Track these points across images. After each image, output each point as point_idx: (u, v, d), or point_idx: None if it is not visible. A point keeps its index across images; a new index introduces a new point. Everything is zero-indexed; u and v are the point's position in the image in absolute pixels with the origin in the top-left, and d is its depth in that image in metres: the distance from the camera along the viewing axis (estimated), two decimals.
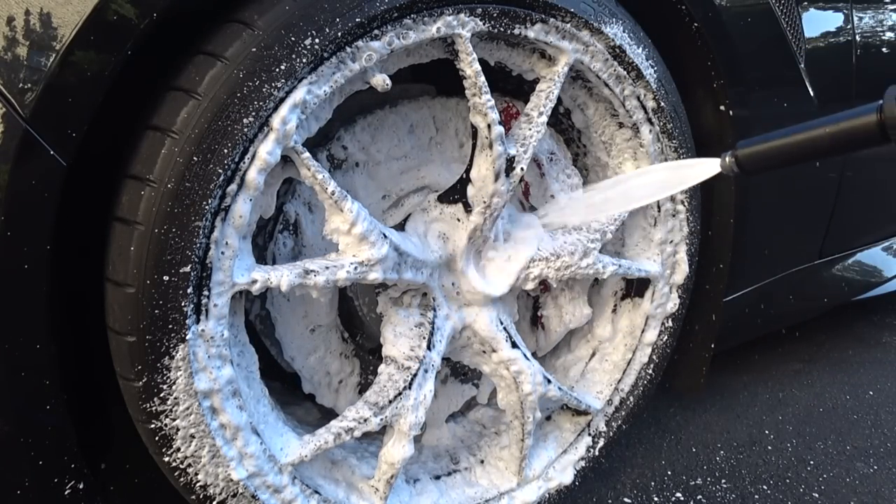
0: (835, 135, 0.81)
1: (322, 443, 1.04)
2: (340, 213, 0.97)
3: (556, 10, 1.06)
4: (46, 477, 0.87)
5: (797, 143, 0.84)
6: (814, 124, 0.83)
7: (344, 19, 0.88)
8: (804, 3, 1.50)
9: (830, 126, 0.81)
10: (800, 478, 1.57)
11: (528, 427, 1.25)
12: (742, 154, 0.88)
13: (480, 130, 1.07)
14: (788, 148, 0.85)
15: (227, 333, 0.91)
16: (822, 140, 0.82)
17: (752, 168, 0.88)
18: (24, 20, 0.74)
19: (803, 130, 0.84)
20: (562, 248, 1.21)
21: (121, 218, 0.83)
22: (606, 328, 1.43)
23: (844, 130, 0.81)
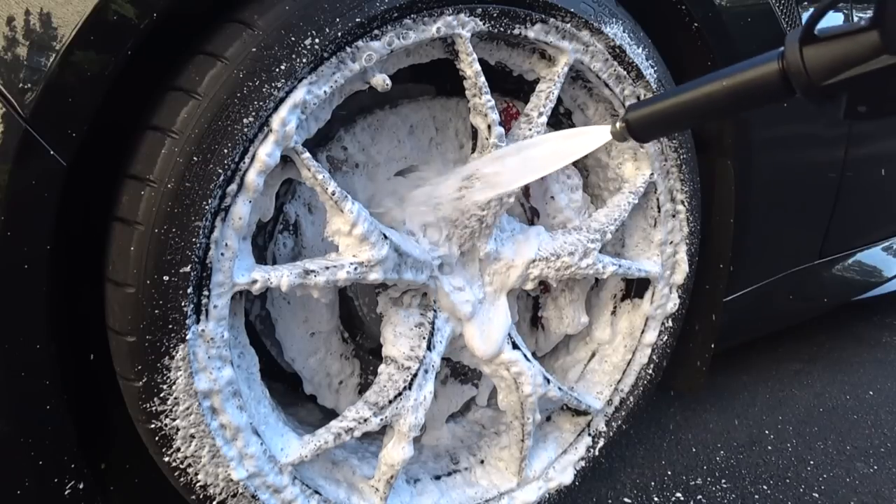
0: (733, 89, 0.71)
1: (322, 443, 1.04)
2: (341, 215, 0.97)
3: (556, 10, 1.06)
4: (46, 477, 0.87)
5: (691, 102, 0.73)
6: (709, 78, 0.73)
7: (344, 19, 0.88)
8: (804, 3, 1.50)
9: (727, 79, 0.71)
10: (800, 478, 1.57)
11: (528, 428, 1.25)
12: (632, 118, 0.78)
13: (481, 131, 1.07)
14: (682, 108, 0.74)
15: (227, 335, 0.91)
16: (720, 96, 0.71)
17: (644, 133, 0.79)
18: (24, 20, 0.74)
19: (697, 87, 0.73)
20: (562, 248, 1.21)
21: (121, 218, 0.83)
22: (605, 331, 1.43)
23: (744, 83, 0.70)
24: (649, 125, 0.77)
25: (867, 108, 0.65)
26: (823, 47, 0.65)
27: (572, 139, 0.92)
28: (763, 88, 0.69)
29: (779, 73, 0.68)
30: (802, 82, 0.66)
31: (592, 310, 1.45)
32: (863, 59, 0.63)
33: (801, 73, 0.65)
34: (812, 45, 0.65)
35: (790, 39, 0.67)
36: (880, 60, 0.62)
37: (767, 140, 1.44)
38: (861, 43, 0.63)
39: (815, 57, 0.65)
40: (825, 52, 0.65)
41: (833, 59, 0.64)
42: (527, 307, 1.44)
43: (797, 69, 0.66)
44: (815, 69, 0.65)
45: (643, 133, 0.79)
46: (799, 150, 1.56)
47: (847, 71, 0.64)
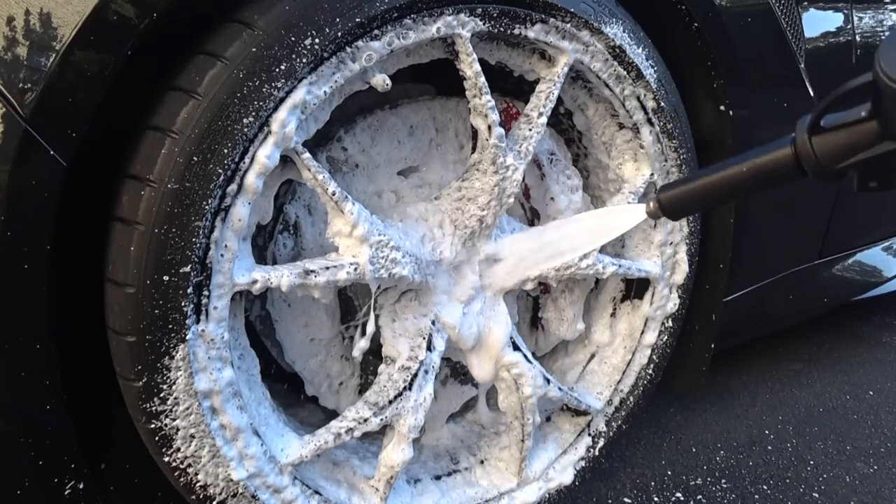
0: (753, 172, 0.79)
1: (322, 443, 1.04)
2: (342, 216, 0.97)
3: (556, 10, 1.06)
4: (46, 477, 0.87)
5: (717, 184, 0.82)
6: (732, 163, 0.81)
7: (344, 19, 0.88)
8: (804, 3, 1.50)
9: (748, 164, 0.79)
10: (800, 478, 1.57)
11: (528, 428, 1.25)
12: (664, 198, 0.86)
13: (481, 132, 1.07)
14: (709, 189, 0.83)
15: (227, 336, 0.91)
16: (742, 179, 0.80)
17: (676, 212, 0.86)
18: (24, 20, 0.74)
19: (721, 170, 0.82)
20: None
21: (121, 218, 0.83)
22: (605, 334, 1.43)
23: (762, 167, 0.79)
24: (680, 205, 0.85)
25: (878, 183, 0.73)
26: (830, 136, 0.72)
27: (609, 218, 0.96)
28: (779, 172, 0.78)
29: (792, 159, 0.75)
30: (814, 167, 0.74)
31: (591, 312, 1.45)
32: (866, 145, 0.70)
33: (813, 160, 0.73)
34: (819, 135, 0.73)
35: (799, 129, 0.74)
36: (882, 146, 0.69)
37: (767, 140, 1.43)
38: (863, 132, 0.70)
39: (823, 145, 0.73)
40: (832, 141, 0.72)
41: (840, 147, 0.72)
42: (527, 307, 1.44)
43: (808, 156, 0.73)
44: (824, 156, 0.73)
45: (674, 212, 0.86)
46: None
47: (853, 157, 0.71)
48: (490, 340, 1.19)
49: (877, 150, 0.70)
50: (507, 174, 1.10)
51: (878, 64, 0.64)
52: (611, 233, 0.95)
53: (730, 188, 0.81)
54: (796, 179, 0.77)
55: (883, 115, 0.68)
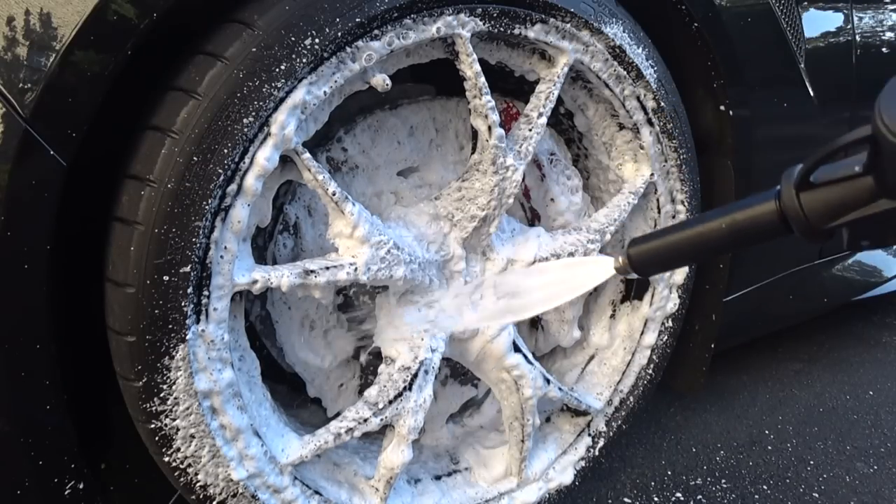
0: (733, 230, 0.71)
1: (322, 443, 1.04)
2: (342, 216, 0.97)
3: (556, 10, 1.06)
4: (46, 477, 0.87)
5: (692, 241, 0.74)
6: (710, 216, 0.73)
7: (344, 19, 0.88)
8: (804, 3, 1.50)
9: (727, 220, 0.71)
10: (800, 478, 1.57)
11: (528, 429, 1.25)
12: (634, 253, 0.78)
13: (481, 133, 1.07)
14: (683, 246, 0.74)
15: (227, 337, 0.91)
16: (720, 236, 0.72)
17: (646, 268, 0.78)
18: (24, 20, 0.74)
19: (698, 225, 0.73)
20: (562, 249, 1.21)
21: (121, 218, 0.83)
22: (603, 336, 1.43)
23: (742, 224, 0.71)
24: (651, 261, 0.77)
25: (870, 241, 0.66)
26: (820, 192, 0.65)
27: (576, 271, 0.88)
28: (762, 229, 0.70)
29: (777, 215, 0.68)
30: (802, 226, 0.67)
31: (590, 315, 1.45)
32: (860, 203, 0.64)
33: (801, 218, 0.66)
34: (808, 191, 0.66)
35: (786, 183, 0.67)
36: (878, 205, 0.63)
37: (767, 140, 1.44)
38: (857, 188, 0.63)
39: (812, 202, 0.66)
40: (822, 198, 0.65)
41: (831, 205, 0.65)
42: None
43: (796, 214, 0.66)
44: (813, 214, 0.66)
45: (645, 268, 0.78)
46: (799, 150, 1.56)
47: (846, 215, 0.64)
48: (493, 347, 1.19)
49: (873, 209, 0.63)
50: (507, 174, 1.10)
51: (878, 116, 0.57)
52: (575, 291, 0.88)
53: (706, 246, 0.73)
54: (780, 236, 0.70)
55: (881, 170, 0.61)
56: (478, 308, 1.15)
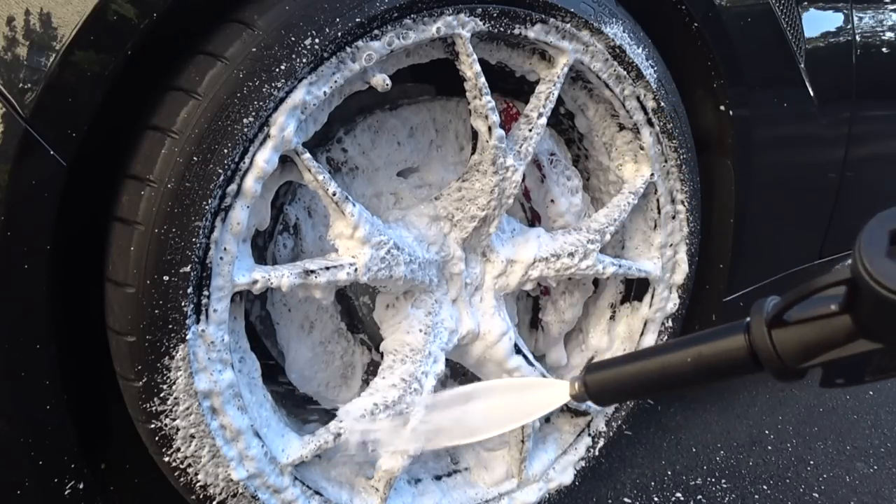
0: (698, 364, 0.66)
1: (322, 443, 1.04)
2: (343, 217, 0.97)
3: (556, 10, 1.06)
4: (46, 477, 0.87)
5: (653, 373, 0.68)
6: (674, 347, 0.68)
7: (344, 19, 0.88)
8: (804, 3, 1.50)
9: (692, 353, 0.66)
10: (800, 478, 1.57)
11: (528, 430, 1.25)
12: (591, 381, 0.72)
13: (481, 134, 1.07)
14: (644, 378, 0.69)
15: (227, 338, 0.91)
16: (684, 370, 0.67)
17: (603, 397, 0.73)
18: (24, 20, 0.74)
19: (661, 355, 0.69)
20: (562, 249, 1.21)
21: (121, 218, 0.83)
22: (602, 339, 1.42)
23: (709, 359, 0.65)
24: (609, 390, 0.72)
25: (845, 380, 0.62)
26: (793, 330, 0.61)
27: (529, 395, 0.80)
28: (729, 364, 0.65)
29: (746, 351, 0.63)
30: (774, 365, 0.62)
31: (588, 318, 1.44)
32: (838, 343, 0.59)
33: (773, 357, 0.61)
34: (781, 328, 0.61)
35: (756, 318, 0.63)
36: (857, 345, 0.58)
37: (767, 140, 1.44)
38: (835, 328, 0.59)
39: (785, 341, 0.61)
40: (796, 336, 0.61)
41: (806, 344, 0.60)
42: (526, 308, 1.44)
43: (767, 352, 0.62)
44: (786, 353, 0.61)
45: (602, 398, 0.73)
46: (799, 150, 1.56)
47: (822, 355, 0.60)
48: (494, 351, 1.19)
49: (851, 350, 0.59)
50: (507, 175, 1.10)
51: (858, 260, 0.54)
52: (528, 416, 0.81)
53: (669, 379, 0.68)
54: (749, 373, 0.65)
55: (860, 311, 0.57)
56: (477, 310, 1.15)
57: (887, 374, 0.60)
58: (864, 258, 0.53)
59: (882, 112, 1.81)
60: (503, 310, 1.22)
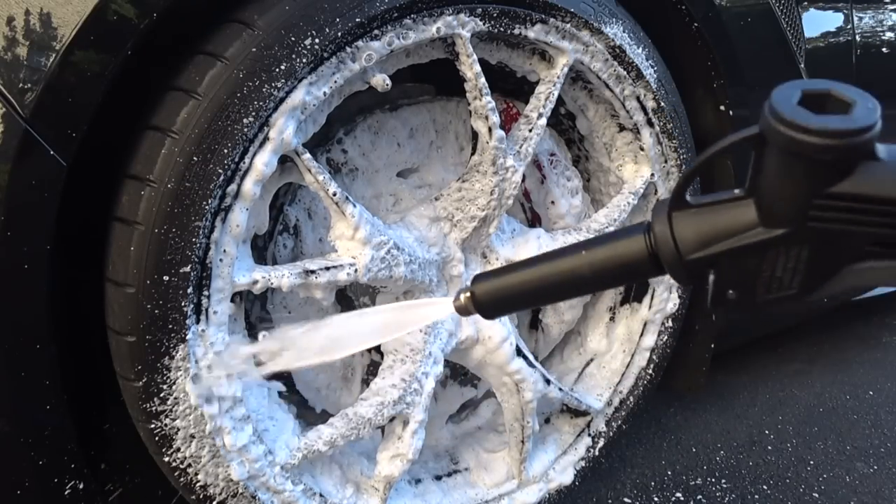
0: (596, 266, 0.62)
1: (323, 442, 1.03)
2: (344, 218, 0.97)
3: (556, 10, 1.06)
4: (46, 477, 0.87)
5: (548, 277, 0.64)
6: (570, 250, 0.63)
7: (344, 19, 0.88)
8: (804, 3, 1.50)
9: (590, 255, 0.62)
10: (800, 478, 1.57)
11: (528, 431, 1.25)
12: (479, 290, 0.66)
13: (481, 135, 1.07)
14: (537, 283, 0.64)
15: (227, 339, 0.91)
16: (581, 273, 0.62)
17: (492, 308, 0.67)
18: (24, 20, 0.74)
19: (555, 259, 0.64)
20: None
21: (121, 218, 0.83)
22: (601, 342, 1.42)
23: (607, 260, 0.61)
24: (498, 300, 0.66)
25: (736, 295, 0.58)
26: (695, 216, 0.58)
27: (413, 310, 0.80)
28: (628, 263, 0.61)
29: (646, 249, 0.60)
30: (670, 255, 0.58)
31: (587, 321, 1.44)
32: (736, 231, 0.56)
33: (669, 244, 0.58)
34: (682, 213, 0.58)
35: (659, 207, 0.59)
36: (754, 234, 0.55)
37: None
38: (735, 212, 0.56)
39: (684, 227, 0.58)
40: (695, 221, 0.57)
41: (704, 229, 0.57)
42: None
43: (664, 238, 0.58)
44: (684, 242, 0.57)
45: (490, 308, 0.67)
46: None
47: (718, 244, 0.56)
48: (495, 356, 1.19)
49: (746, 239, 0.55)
50: (507, 175, 1.10)
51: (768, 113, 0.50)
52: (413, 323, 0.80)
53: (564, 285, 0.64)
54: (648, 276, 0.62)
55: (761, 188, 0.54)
56: None
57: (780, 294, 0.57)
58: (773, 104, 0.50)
59: (882, 112, 1.81)
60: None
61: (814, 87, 0.51)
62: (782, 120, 0.49)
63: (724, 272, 0.57)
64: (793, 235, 0.54)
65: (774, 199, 0.54)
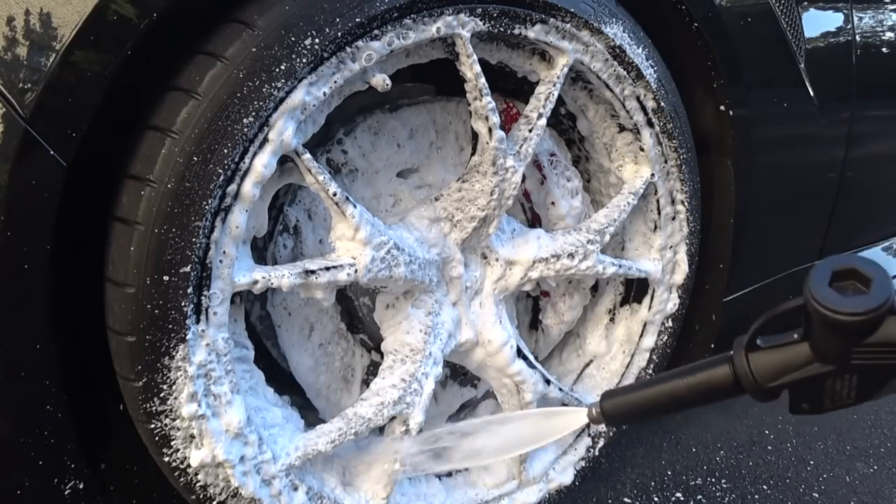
0: (693, 388, 0.81)
1: (324, 442, 1.03)
2: (344, 219, 0.97)
3: (556, 10, 1.05)
4: (46, 477, 0.87)
5: (658, 397, 0.84)
6: (673, 376, 0.83)
7: (344, 19, 0.88)
8: (804, 3, 1.50)
9: (688, 380, 0.81)
10: (800, 478, 1.57)
11: None
12: (607, 406, 0.86)
13: (482, 135, 1.07)
14: (650, 401, 0.84)
15: (227, 338, 0.91)
16: (682, 394, 0.82)
17: (616, 419, 0.87)
18: (24, 20, 0.74)
19: (663, 383, 0.83)
20: (562, 249, 1.21)
21: (121, 218, 0.83)
22: (600, 344, 1.42)
23: (701, 383, 0.81)
24: (621, 414, 0.86)
25: (809, 406, 0.77)
26: (765, 355, 0.76)
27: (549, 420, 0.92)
28: (718, 388, 0.80)
29: (730, 377, 0.78)
30: (751, 385, 0.77)
31: (586, 323, 1.44)
32: (798, 366, 0.74)
33: (749, 378, 0.77)
34: (755, 353, 0.76)
35: (737, 348, 0.78)
36: (812, 368, 0.73)
37: (767, 140, 1.44)
38: (796, 353, 0.74)
39: (759, 364, 0.76)
40: (767, 360, 0.76)
41: (774, 366, 0.76)
42: (526, 310, 1.44)
43: (745, 374, 0.77)
44: (760, 375, 0.76)
45: (614, 419, 0.87)
46: (799, 150, 1.56)
47: (786, 376, 0.75)
48: (496, 359, 1.19)
49: (807, 372, 0.73)
50: (507, 176, 1.10)
51: (807, 290, 0.68)
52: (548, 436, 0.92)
53: (670, 401, 0.83)
54: (733, 397, 0.80)
55: (812, 338, 0.71)
56: (477, 311, 1.15)
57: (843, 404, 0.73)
58: (811, 288, 0.67)
59: (882, 112, 1.81)
60: (504, 316, 1.22)
61: (841, 266, 0.68)
62: (818, 302, 0.66)
63: (796, 392, 0.77)
64: (842, 369, 0.70)
65: (823, 346, 0.71)
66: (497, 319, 1.20)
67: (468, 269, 1.18)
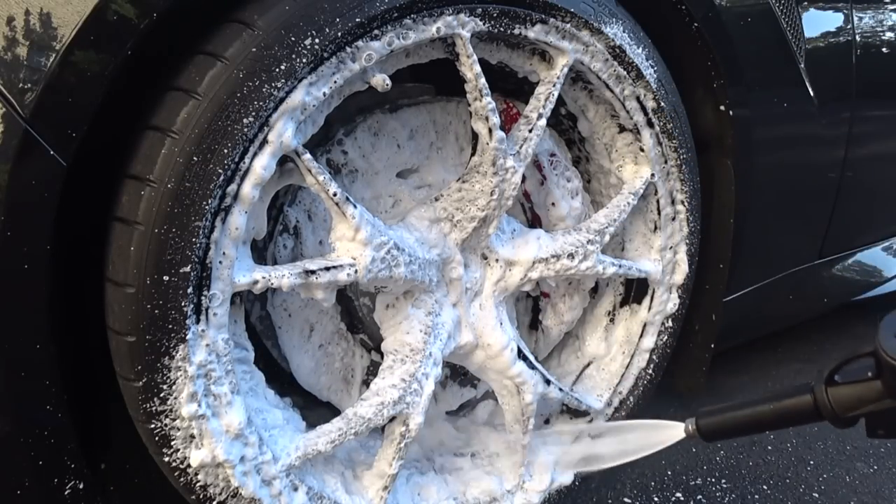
0: (777, 412, 0.94)
1: (325, 442, 1.03)
2: (344, 219, 0.97)
3: (556, 10, 1.06)
4: (46, 477, 0.87)
5: (748, 419, 0.97)
6: (761, 402, 0.97)
7: (344, 19, 0.88)
8: (804, 3, 1.50)
9: (774, 404, 0.95)
10: (800, 478, 1.57)
11: (528, 433, 1.25)
12: (703, 425, 1.01)
13: (482, 136, 1.07)
14: (740, 422, 0.98)
15: (227, 338, 0.91)
16: (768, 417, 0.95)
17: (711, 435, 1.02)
18: (24, 20, 0.74)
19: (753, 407, 0.97)
20: (562, 250, 1.21)
21: (121, 218, 0.83)
22: (600, 346, 1.42)
23: (785, 409, 0.94)
24: (716, 432, 1.01)
25: (885, 431, 0.88)
26: (843, 389, 0.88)
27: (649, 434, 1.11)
28: (800, 415, 0.92)
29: (811, 405, 0.90)
30: (829, 415, 0.89)
31: (585, 325, 1.44)
32: (872, 400, 0.86)
33: (828, 408, 0.89)
34: (834, 387, 0.89)
35: (818, 381, 0.90)
36: (884, 403, 0.85)
37: (767, 140, 1.44)
38: (870, 388, 0.86)
39: (837, 396, 0.88)
40: (845, 393, 0.88)
41: (851, 399, 0.88)
42: (526, 310, 1.44)
43: (824, 405, 0.89)
44: (838, 406, 0.88)
45: (709, 437, 1.02)
46: (799, 150, 1.56)
47: (862, 408, 0.87)
48: (496, 362, 1.19)
49: (881, 406, 0.85)
50: (507, 176, 1.10)
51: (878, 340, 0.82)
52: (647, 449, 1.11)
53: (757, 423, 0.97)
54: (813, 422, 0.92)
55: (884, 377, 0.84)
56: (477, 311, 1.15)
57: None
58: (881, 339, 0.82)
59: (882, 112, 1.81)
60: (504, 318, 1.22)
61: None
62: (887, 353, 0.82)
63: (871, 421, 0.89)
64: None
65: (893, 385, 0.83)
66: (497, 322, 1.20)
67: (468, 269, 1.18)
